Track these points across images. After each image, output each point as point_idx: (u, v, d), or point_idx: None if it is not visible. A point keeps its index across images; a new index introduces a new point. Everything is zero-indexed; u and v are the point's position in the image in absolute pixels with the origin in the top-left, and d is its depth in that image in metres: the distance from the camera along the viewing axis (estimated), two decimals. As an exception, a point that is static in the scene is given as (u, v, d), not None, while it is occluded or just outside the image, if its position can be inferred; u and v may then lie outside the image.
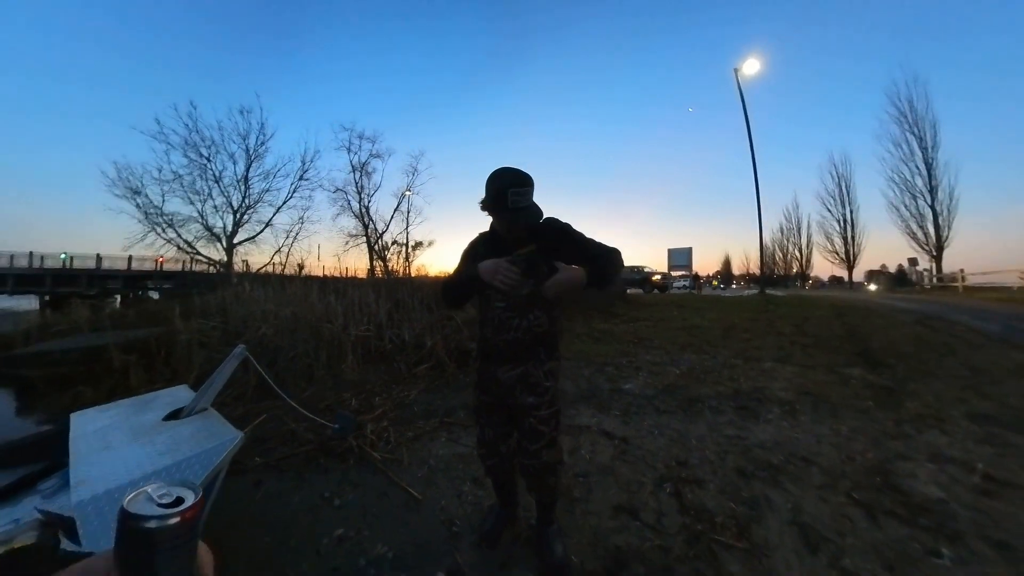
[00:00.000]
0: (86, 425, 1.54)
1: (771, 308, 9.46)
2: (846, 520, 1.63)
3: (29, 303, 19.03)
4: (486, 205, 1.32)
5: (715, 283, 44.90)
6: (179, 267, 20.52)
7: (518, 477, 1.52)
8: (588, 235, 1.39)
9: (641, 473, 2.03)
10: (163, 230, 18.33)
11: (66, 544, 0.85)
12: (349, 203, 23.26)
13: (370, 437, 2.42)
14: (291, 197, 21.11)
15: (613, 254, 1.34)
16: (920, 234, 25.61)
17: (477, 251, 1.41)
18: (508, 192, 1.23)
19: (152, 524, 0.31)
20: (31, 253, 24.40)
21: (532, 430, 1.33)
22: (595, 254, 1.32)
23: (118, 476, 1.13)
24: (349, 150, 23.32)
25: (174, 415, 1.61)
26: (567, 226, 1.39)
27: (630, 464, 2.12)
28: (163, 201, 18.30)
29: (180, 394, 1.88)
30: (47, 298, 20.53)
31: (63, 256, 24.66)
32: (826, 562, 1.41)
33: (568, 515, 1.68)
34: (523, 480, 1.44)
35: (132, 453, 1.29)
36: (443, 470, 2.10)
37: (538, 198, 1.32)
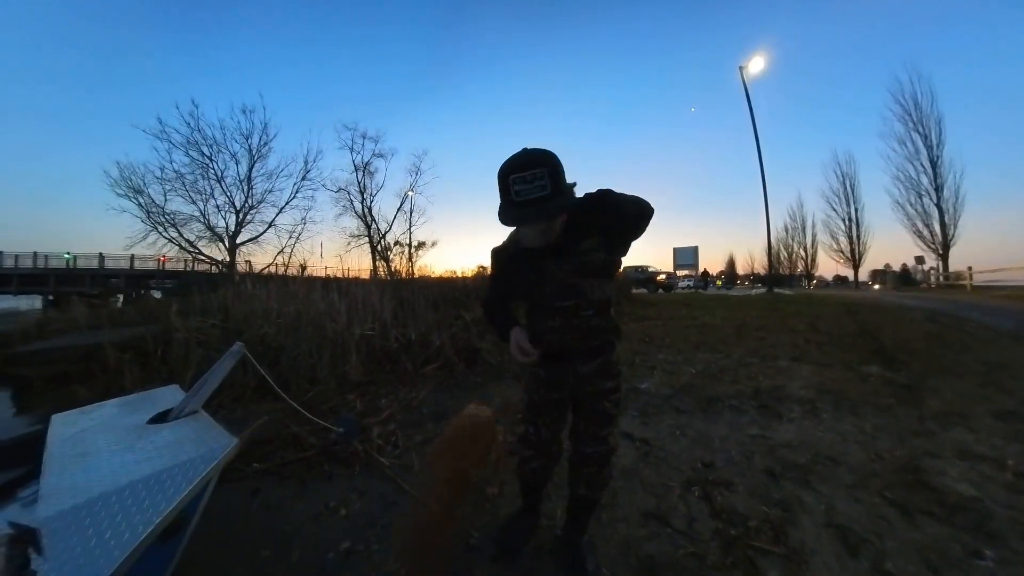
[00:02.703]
0: (66, 428, 1.40)
1: (780, 306, 9.35)
2: (882, 521, 1.56)
3: (33, 303, 19.11)
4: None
5: (718, 283, 44.38)
6: (181, 266, 20.54)
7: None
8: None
9: (667, 476, 1.93)
10: (165, 229, 18.35)
11: (36, 561, 0.76)
12: (352, 203, 23.29)
13: (377, 441, 2.30)
14: (294, 197, 21.12)
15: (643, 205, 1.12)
16: (926, 232, 25.48)
17: (515, 261, 1.21)
18: (510, 180, 0.95)
19: None
20: (35, 253, 24.52)
21: (604, 414, 1.26)
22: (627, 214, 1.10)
23: (88, 489, 1.01)
24: (352, 150, 23.38)
25: (161, 418, 1.46)
26: (604, 195, 1.08)
27: (654, 467, 2.02)
28: (165, 200, 18.33)
29: (171, 395, 1.73)
30: (51, 298, 20.59)
31: (67, 256, 24.72)
32: (868, 566, 1.34)
33: (595, 522, 1.56)
34: (574, 475, 1.32)
35: (108, 462, 1.15)
36: (456, 475, 1.99)
37: None
